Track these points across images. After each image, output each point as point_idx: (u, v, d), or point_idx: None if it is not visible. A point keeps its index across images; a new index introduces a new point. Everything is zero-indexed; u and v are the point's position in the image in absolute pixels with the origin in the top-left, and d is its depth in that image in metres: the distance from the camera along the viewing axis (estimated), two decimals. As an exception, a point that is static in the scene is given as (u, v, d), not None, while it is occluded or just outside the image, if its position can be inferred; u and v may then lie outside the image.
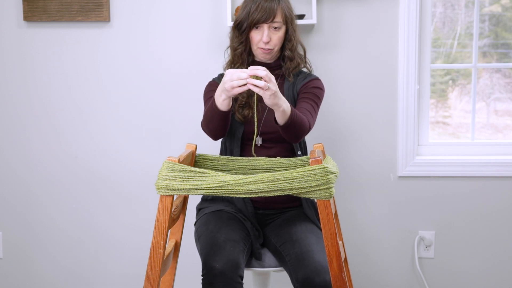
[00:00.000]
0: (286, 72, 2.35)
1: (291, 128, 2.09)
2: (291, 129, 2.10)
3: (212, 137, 2.21)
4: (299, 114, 2.11)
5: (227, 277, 1.98)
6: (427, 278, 2.90)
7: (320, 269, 2.00)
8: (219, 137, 2.21)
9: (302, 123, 2.12)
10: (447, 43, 2.93)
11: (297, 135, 2.14)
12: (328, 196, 1.76)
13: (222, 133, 2.19)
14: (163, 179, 1.80)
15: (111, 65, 2.85)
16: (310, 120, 2.20)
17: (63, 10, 2.79)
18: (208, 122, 2.15)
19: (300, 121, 2.10)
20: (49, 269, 2.98)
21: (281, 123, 2.07)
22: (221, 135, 2.20)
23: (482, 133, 2.98)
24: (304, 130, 2.14)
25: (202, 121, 2.21)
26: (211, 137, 2.22)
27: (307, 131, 2.17)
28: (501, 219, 2.86)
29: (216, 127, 2.15)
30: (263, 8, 2.23)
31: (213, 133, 2.18)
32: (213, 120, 2.12)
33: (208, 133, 2.21)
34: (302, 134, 2.16)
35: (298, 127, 2.10)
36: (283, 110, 2.02)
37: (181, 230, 2.09)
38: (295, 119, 2.07)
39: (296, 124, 2.09)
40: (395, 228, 2.89)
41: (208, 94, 2.33)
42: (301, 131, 2.13)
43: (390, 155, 2.84)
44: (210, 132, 2.19)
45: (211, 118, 2.13)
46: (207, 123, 2.17)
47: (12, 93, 2.89)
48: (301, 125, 2.11)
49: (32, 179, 2.94)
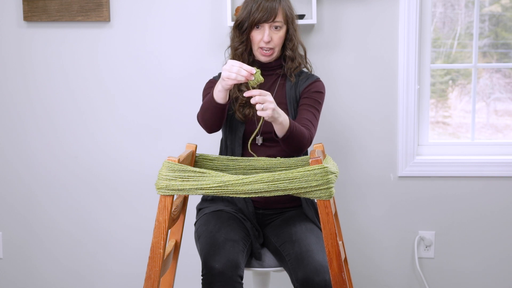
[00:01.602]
0: (287, 72, 2.35)
1: (290, 140, 2.12)
2: (291, 141, 2.13)
3: (206, 129, 2.23)
4: (298, 127, 2.14)
5: (226, 277, 1.98)
6: (427, 278, 2.90)
7: (320, 269, 2.00)
8: (213, 130, 2.22)
9: (302, 136, 2.15)
10: (447, 43, 2.93)
11: (297, 147, 2.17)
12: (328, 196, 1.76)
13: (216, 126, 2.20)
14: (163, 179, 1.80)
15: (111, 65, 2.85)
16: (312, 130, 2.23)
17: (63, 10, 2.79)
18: (203, 113, 2.18)
19: (299, 133, 2.14)
20: (49, 269, 2.98)
21: (280, 136, 2.11)
22: (215, 128, 2.21)
23: (482, 133, 2.98)
24: (304, 142, 2.17)
25: (198, 112, 2.24)
26: (205, 129, 2.24)
27: (308, 143, 2.20)
28: (501, 219, 2.86)
29: (209, 118, 2.17)
30: (264, 7, 2.23)
31: (207, 124, 2.20)
32: (208, 111, 2.15)
33: (202, 124, 2.23)
34: (303, 146, 2.18)
35: (297, 140, 2.14)
36: (281, 123, 2.06)
37: (181, 230, 2.09)
38: (294, 132, 2.11)
39: (295, 137, 2.12)
40: (395, 228, 2.89)
41: (206, 90, 2.35)
42: (301, 144, 2.16)
43: (390, 155, 2.84)
44: (204, 122, 2.21)
45: (206, 108, 2.16)
46: (202, 113, 2.20)
47: (12, 93, 2.89)
48: (301, 137, 2.14)
49: (32, 179, 2.93)
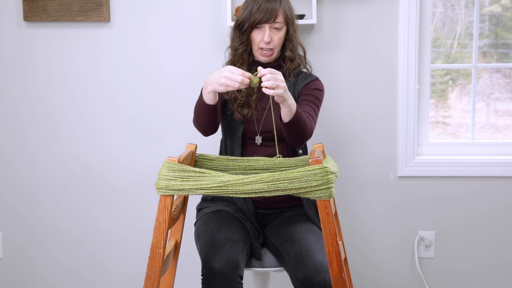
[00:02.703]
0: (286, 72, 2.35)
1: (295, 126, 2.09)
2: (296, 128, 2.10)
3: (202, 132, 2.23)
4: (303, 114, 2.12)
5: (226, 276, 1.98)
6: (427, 278, 2.90)
7: (320, 269, 2.00)
8: (209, 133, 2.22)
9: (306, 124, 2.13)
10: (447, 43, 2.93)
11: (300, 136, 2.15)
12: (328, 196, 1.76)
13: (211, 128, 2.20)
14: (163, 179, 1.80)
15: (111, 65, 2.85)
16: (312, 123, 2.22)
17: (63, 10, 2.79)
18: (197, 116, 2.19)
19: (304, 121, 2.12)
20: (49, 269, 2.98)
21: (286, 120, 2.08)
22: (210, 130, 2.21)
23: (482, 133, 2.98)
24: (306, 132, 2.15)
25: (193, 118, 2.24)
26: (202, 133, 2.24)
27: (310, 134, 2.18)
28: (501, 219, 2.85)
29: (204, 122, 2.17)
30: (265, 8, 2.23)
31: (203, 128, 2.20)
32: (200, 114, 2.15)
33: (198, 128, 2.23)
34: (305, 136, 2.16)
35: (302, 127, 2.11)
36: (290, 106, 2.03)
37: (181, 230, 2.09)
38: (300, 118, 2.09)
39: (300, 123, 2.10)
40: (395, 228, 2.89)
41: None
42: (304, 132, 2.14)
43: (390, 155, 2.84)
44: (200, 126, 2.21)
45: (199, 112, 2.16)
46: (196, 117, 2.20)
47: (12, 93, 2.89)
48: (304, 125, 2.12)
49: (32, 179, 2.93)
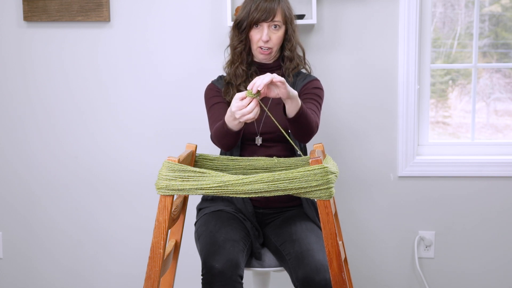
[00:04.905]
0: (285, 72, 2.35)
1: (302, 119, 2.06)
2: (302, 121, 2.07)
3: (224, 149, 2.22)
4: (307, 109, 2.11)
5: (226, 276, 1.98)
6: (427, 278, 2.90)
7: (320, 268, 2.00)
8: (231, 148, 2.21)
9: (311, 119, 2.11)
10: (447, 43, 2.93)
11: (307, 130, 2.12)
12: (328, 196, 1.76)
13: (235, 145, 2.18)
14: (163, 179, 1.80)
15: (111, 65, 2.85)
16: (316, 118, 2.20)
17: (63, 10, 2.79)
18: (221, 139, 2.15)
19: (309, 115, 2.10)
20: (49, 269, 2.98)
21: (292, 115, 2.05)
22: (233, 147, 2.20)
23: (482, 133, 2.98)
24: (313, 126, 2.13)
25: (212, 136, 2.20)
26: (223, 150, 2.22)
27: (316, 128, 2.16)
28: (501, 219, 2.85)
29: (228, 143, 2.15)
30: (263, 7, 2.24)
31: (226, 147, 2.19)
32: (226, 137, 2.12)
33: (220, 147, 2.21)
34: (312, 130, 2.14)
35: (308, 121, 2.09)
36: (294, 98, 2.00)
37: (181, 230, 2.09)
38: (305, 111, 2.06)
39: (306, 117, 2.07)
40: (395, 228, 2.89)
41: (210, 100, 2.33)
42: (310, 126, 2.11)
43: (390, 155, 2.84)
44: (223, 146, 2.19)
45: (224, 135, 2.12)
46: (218, 140, 2.16)
47: (12, 93, 2.89)
48: (310, 119, 2.10)
49: (32, 179, 2.93)
